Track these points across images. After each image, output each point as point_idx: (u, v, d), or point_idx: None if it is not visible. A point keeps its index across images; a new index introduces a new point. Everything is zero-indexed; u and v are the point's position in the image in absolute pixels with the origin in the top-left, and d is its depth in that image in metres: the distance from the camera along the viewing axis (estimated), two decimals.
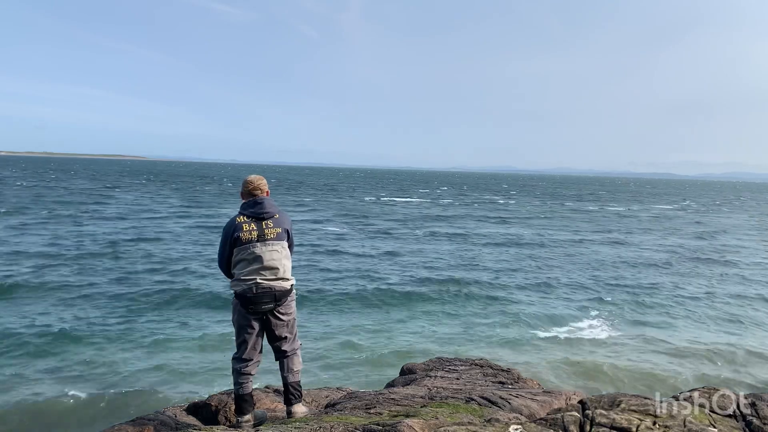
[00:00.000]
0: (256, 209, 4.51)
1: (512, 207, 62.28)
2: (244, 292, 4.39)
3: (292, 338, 4.66)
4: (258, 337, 4.56)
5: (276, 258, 4.42)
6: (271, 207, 4.54)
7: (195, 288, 17.63)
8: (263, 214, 4.48)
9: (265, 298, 4.39)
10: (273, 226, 4.48)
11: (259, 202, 4.54)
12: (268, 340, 4.64)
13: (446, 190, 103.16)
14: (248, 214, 4.50)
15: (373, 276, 20.75)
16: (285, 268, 4.49)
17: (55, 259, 20.88)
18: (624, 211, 61.66)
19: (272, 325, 4.53)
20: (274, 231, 4.47)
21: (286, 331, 4.59)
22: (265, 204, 4.53)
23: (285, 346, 4.62)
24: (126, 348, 12.26)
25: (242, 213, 4.53)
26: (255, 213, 4.48)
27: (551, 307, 17.33)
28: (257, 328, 4.52)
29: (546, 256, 27.32)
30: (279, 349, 4.63)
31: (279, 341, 4.60)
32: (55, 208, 39.63)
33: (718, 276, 23.48)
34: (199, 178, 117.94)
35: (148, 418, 5.05)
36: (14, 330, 12.84)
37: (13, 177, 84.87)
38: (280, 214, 4.58)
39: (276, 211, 4.56)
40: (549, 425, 3.45)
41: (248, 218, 4.48)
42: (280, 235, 4.49)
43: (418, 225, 39.14)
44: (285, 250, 4.52)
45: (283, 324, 4.55)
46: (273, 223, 4.49)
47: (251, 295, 4.37)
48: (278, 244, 4.46)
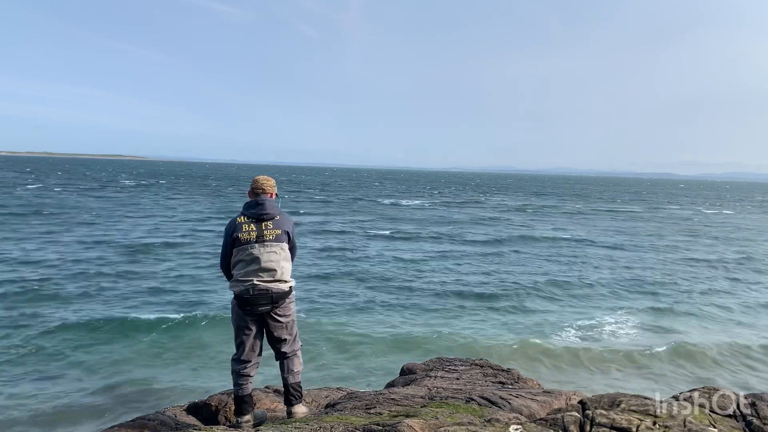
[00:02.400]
0: (256, 210, 4.50)
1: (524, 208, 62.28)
2: (242, 293, 4.39)
3: (291, 340, 4.65)
4: (256, 338, 4.55)
5: (274, 259, 4.41)
6: (271, 208, 4.53)
7: (196, 287, 17.65)
8: (263, 215, 4.47)
9: (262, 299, 4.38)
10: (272, 228, 4.47)
11: (260, 203, 4.53)
12: (268, 342, 4.64)
13: (451, 190, 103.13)
14: (249, 214, 4.50)
15: (374, 275, 20.76)
16: (283, 270, 4.46)
17: (58, 263, 20.90)
18: (691, 214, 58.83)
19: (270, 327, 4.53)
20: (273, 232, 4.45)
21: (285, 333, 4.58)
22: (266, 205, 4.52)
23: (284, 347, 4.61)
24: (126, 348, 12.26)
25: (243, 213, 4.54)
26: (255, 214, 4.48)
27: (555, 308, 17.34)
28: (255, 329, 4.52)
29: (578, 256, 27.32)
30: (279, 350, 4.63)
31: (278, 343, 4.59)
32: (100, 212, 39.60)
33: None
34: (223, 179, 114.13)
35: (148, 418, 5.05)
36: (15, 330, 12.86)
37: (51, 180, 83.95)
38: (281, 215, 4.56)
39: (276, 212, 4.54)
40: (549, 425, 3.45)
41: (248, 219, 4.48)
42: (279, 237, 4.47)
43: (418, 225, 39.14)
44: (284, 252, 4.50)
45: (282, 326, 4.54)
46: (273, 225, 4.48)
47: (248, 296, 4.37)
48: (277, 245, 4.44)
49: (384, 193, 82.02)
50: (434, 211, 52.04)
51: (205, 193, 66.16)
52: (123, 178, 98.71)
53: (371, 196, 72.59)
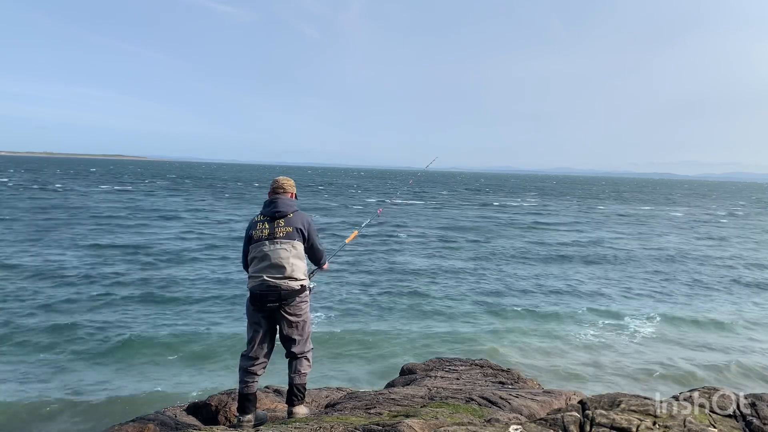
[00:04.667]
0: (270, 208, 4.66)
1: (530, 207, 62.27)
2: (253, 289, 4.51)
3: (303, 341, 4.65)
4: (266, 336, 4.58)
5: (284, 256, 4.47)
6: (284, 206, 4.65)
7: (201, 287, 17.66)
8: (275, 213, 4.62)
9: (271, 296, 4.44)
10: (284, 225, 4.57)
11: (274, 201, 4.69)
12: (280, 340, 4.68)
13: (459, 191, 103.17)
14: (264, 213, 4.68)
15: (376, 275, 20.77)
16: (294, 268, 4.51)
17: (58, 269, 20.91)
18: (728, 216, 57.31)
19: (281, 326, 4.59)
20: (285, 230, 4.55)
21: (296, 333, 4.60)
22: (279, 203, 4.66)
23: (294, 348, 4.63)
24: (126, 347, 12.26)
25: (261, 212, 4.72)
26: (269, 212, 4.64)
27: (561, 307, 17.34)
28: (265, 326, 4.57)
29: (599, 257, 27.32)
30: (289, 350, 4.67)
31: (289, 342, 4.62)
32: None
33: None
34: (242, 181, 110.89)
35: (148, 418, 5.05)
36: (16, 329, 12.87)
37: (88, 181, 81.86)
38: (294, 213, 4.66)
39: (290, 210, 4.65)
40: (549, 425, 3.45)
41: (264, 217, 4.65)
42: (290, 234, 4.55)
43: (418, 225, 39.14)
44: (295, 249, 4.55)
45: (292, 325, 4.57)
46: (284, 222, 4.59)
47: (258, 293, 4.47)
48: (288, 243, 4.52)
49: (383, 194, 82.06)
50: (458, 211, 52.01)
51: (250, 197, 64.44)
52: (152, 180, 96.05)
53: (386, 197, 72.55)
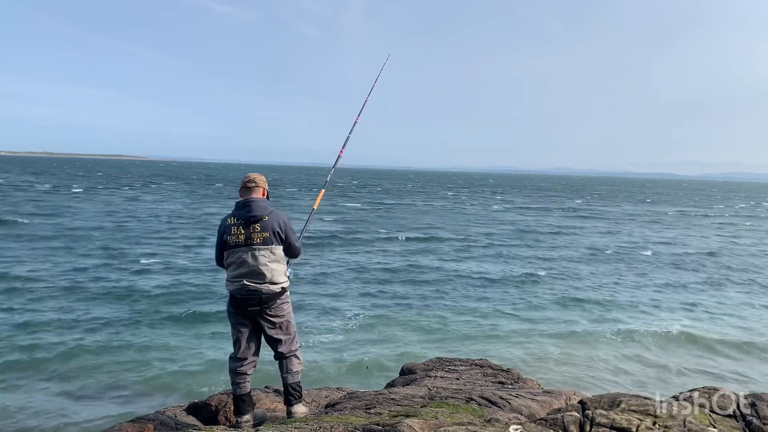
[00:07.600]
0: (244, 211, 4.52)
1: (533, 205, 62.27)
2: (234, 293, 4.49)
3: (288, 340, 4.67)
4: (251, 336, 4.60)
5: (262, 263, 4.44)
6: (258, 209, 4.51)
7: (199, 287, 17.66)
8: (251, 218, 4.48)
9: (252, 300, 4.44)
10: (260, 231, 4.47)
11: (248, 204, 4.54)
12: (266, 342, 4.68)
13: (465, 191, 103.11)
14: (238, 215, 4.53)
15: (375, 274, 20.76)
16: (273, 273, 4.48)
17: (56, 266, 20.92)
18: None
19: (264, 328, 4.58)
20: (261, 236, 4.47)
21: (280, 334, 4.61)
22: (253, 206, 4.52)
23: (282, 348, 4.64)
24: (125, 347, 12.25)
25: (234, 213, 4.57)
26: (243, 215, 4.50)
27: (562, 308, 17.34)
28: (249, 327, 4.58)
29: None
30: (276, 350, 4.68)
31: (275, 343, 4.63)
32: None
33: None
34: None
35: (148, 418, 5.06)
36: (17, 328, 12.87)
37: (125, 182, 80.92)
38: (269, 216, 4.53)
39: (265, 213, 4.52)
40: (549, 425, 3.45)
41: (238, 220, 4.50)
42: (267, 240, 4.48)
43: (421, 223, 39.17)
44: (274, 254, 4.50)
45: (275, 326, 4.58)
46: (260, 227, 4.48)
47: (239, 297, 4.46)
48: (266, 249, 4.47)
49: (385, 193, 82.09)
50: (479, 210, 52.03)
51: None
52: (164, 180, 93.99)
53: (388, 197, 72.58)
